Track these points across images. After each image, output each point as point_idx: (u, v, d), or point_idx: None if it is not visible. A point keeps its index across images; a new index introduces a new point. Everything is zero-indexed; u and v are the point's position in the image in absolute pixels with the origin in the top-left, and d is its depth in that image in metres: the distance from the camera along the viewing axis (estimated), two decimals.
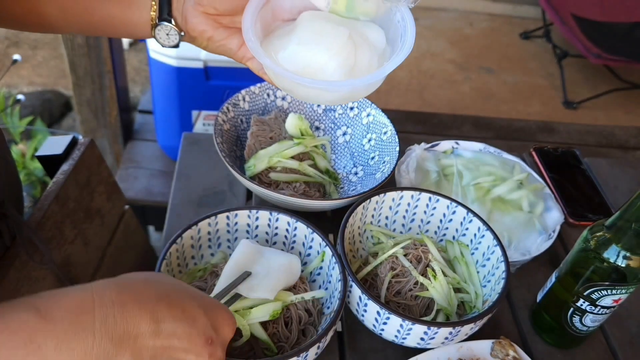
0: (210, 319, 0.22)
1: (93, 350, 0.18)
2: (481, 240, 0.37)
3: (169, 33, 0.29)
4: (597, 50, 1.28)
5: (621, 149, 0.60)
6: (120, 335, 0.19)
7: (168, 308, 0.20)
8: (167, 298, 0.21)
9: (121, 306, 0.19)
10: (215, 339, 0.22)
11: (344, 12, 0.28)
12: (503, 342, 0.33)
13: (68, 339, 0.18)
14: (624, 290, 0.32)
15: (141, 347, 0.19)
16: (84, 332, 0.18)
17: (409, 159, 0.45)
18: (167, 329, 0.20)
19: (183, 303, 0.21)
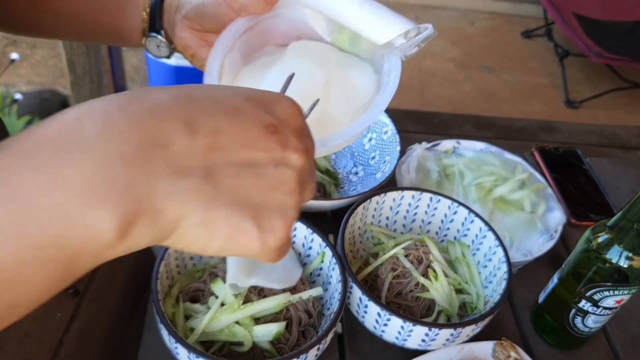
0: (261, 105, 0.15)
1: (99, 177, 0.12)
2: (483, 241, 0.37)
3: (159, 45, 0.29)
4: (599, 50, 1.27)
5: (623, 149, 0.60)
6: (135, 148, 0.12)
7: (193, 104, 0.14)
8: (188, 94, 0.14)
9: (122, 113, 0.13)
10: (279, 126, 0.15)
11: (347, 44, 0.25)
12: (505, 343, 0.33)
13: (55, 170, 0.12)
14: (626, 291, 0.32)
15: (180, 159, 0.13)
16: (73, 154, 0.12)
17: (410, 158, 0.44)
18: (204, 126, 0.13)
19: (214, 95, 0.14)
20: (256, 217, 0.14)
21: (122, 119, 0.13)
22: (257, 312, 0.31)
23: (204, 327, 0.31)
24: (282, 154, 0.15)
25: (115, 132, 0.13)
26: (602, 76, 1.46)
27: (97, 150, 0.12)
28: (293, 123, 0.16)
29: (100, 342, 0.34)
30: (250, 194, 0.14)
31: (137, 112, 0.13)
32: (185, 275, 0.35)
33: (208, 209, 0.14)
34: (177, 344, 0.28)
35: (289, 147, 0.15)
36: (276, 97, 0.16)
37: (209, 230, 0.14)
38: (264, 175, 0.15)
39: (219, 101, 0.15)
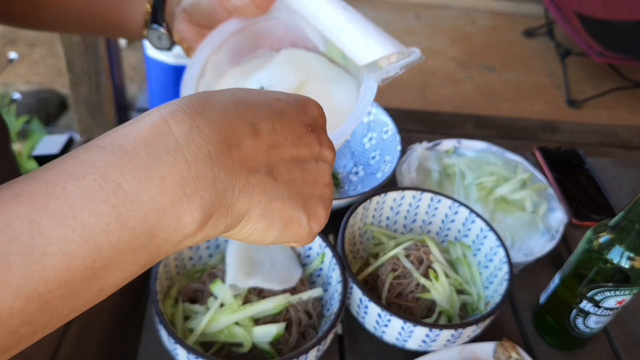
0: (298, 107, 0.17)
1: (190, 172, 0.13)
2: (484, 241, 0.37)
3: (160, 37, 0.29)
4: (600, 49, 1.27)
5: (624, 149, 0.59)
6: (217, 147, 0.14)
7: (251, 109, 0.15)
8: (244, 99, 0.16)
9: (201, 115, 0.14)
10: (314, 125, 0.17)
11: (339, 57, 0.26)
12: (506, 344, 0.33)
13: (151, 166, 0.13)
14: (628, 292, 0.32)
15: (250, 158, 0.15)
16: (168, 154, 0.13)
17: (411, 158, 0.44)
18: (264, 128, 0.15)
19: (263, 99, 0.16)
20: (305, 207, 0.17)
21: (202, 121, 0.14)
22: (257, 312, 0.31)
23: (203, 328, 0.30)
24: (319, 150, 0.18)
25: (200, 134, 0.14)
26: (604, 75, 1.46)
27: (186, 151, 0.14)
28: (321, 122, 0.19)
29: (99, 343, 0.34)
30: (299, 187, 0.17)
31: (213, 115, 0.15)
32: (185, 275, 0.35)
33: (270, 201, 0.16)
34: (176, 344, 0.28)
35: (322, 144, 0.18)
36: (306, 99, 0.18)
37: (268, 221, 0.16)
38: (308, 169, 0.17)
39: (269, 105, 0.16)
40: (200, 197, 0.14)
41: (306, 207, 0.17)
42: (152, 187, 0.13)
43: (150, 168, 0.13)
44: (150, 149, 0.14)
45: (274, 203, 0.16)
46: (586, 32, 1.32)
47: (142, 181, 0.13)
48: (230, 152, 0.15)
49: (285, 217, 0.16)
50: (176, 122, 0.14)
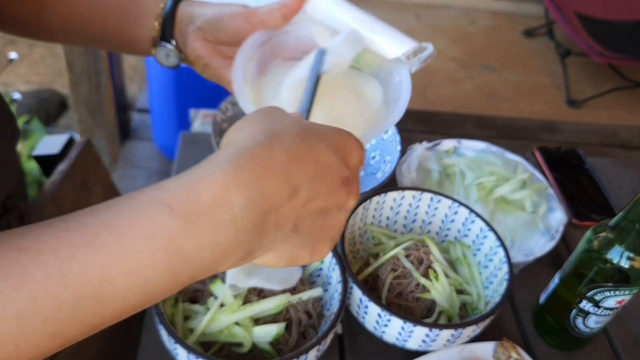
0: (342, 158, 0.19)
1: (236, 240, 0.16)
2: (484, 241, 0.37)
3: (168, 54, 0.29)
4: (600, 49, 1.27)
5: (624, 149, 0.59)
6: (261, 216, 0.17)
7: (301, 166, 0.18)
8: (296, 154, 0.18)
9: (257, 183, 0.16)
10: (350, 177, 0.19)
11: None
12: (505, 344, 0.33)
13: (209, 236, 0.16)
14: (628, 292, 0.32)
15: (283, 219, 0.17)
16: (224, 225, 0.16)
17: (411, 158, 0.44)
18: (305, 189, 0.18)
19: (315, 153, 0.18)
20: (312, 249, 0.19)
21: (257, 191, 0.17)
22: (257, 312, 0.31)
23: (204, 328, 0.30)
24: (345, 201, 0.20)
25: (252, 205, 0.17)
26: (604, 75, 1.46)
27: (239, 222, 0.16)
28: (358, 170, 0.21)
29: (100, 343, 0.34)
30: (315, 234, 0.19)
31: (269, 181, 0.17)
32: None
33: (283, 249, 0.18)
34: (177, 344, 0.28)
35: (351, 195, 0.20)
36: (353, 146, 0.20)
37: (277, 259, 0.19)
38: (329, 217, 0.19)
39: (317, 160, 0.19)
40: (235, 256, 0.17)
41: (313, 248, 0.19)
42: (206, 253, 0.16)
43: (208, 238, 0.16)
44: (212, 220, 0.16)
45: (288, 248, 0.19)
46: (586, 32, 1.32)
47: (200, 249, 0.16)
48: (269, 218, 0.17)
49: (292, 256, 0.19)
50: (238, 190, 0.16)
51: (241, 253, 0.17)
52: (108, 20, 0.29)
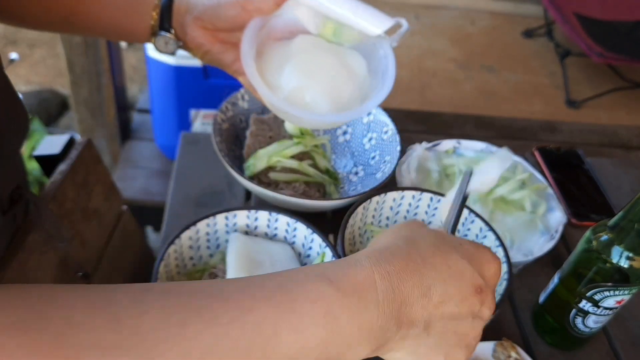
0: (476, 267, 0.21)
1: (377, 323, 0.18)
2: (483, 241, 0.37)
3: (167, 42, 0.31)
4: (600, 49, 1.27)
5: (624, 149, 0.60)
6: (397, 307, 0.19)
7: (434, 268, 0.20)
8: (431, 258, 0.20)
9: (396, 275, 0.19)
10: (484, 287, 0.20)
11: (331, 37, 0.30)
12: (505, 343, 0.33)
13: (359, 312, 0.18)
14: (627, 291, 0.32)
15: (415, 315, 0.19)
16: (371, 304, 0.18)
17: (410, 158, 0.44)
18: (437, 292, 0.19)
19: (448, 259, 0.20)
20: (447, 354, 0.20)
21: (396, 282, 0.19)
22: None
23: None
24: (479, 310, 0.20)
25: (392, 293, 0.19)
26: (603, 76, 1.46)
27: (381, 306, 0.19)
28: (494, 282, 0.22)
29: None
30: (447, 340, 0.20)
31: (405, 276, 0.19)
32: (185, 275, 0.35)
33: (418, 347, 0.20)
34: None
35: (485, 304, 0.21)
36: (488, 257, 0.22)
37: (411, 355, 0.20)
38: (463, 325, 0.20)
39: (451, 266, 0.20)
40: (375, 341, 0.19)
41: (448, 354, 0.20)
42: (354, 327, 0.18)
43: (358, 313, 0.18)
44: (361, 298, 0.18)
45: (421, 348, 0.20)
46: (585, 32, 1.32)
47: (351, 321, 0.18)
48: (403, 310, 0.19)
49: (426, 357, 0.20)
50: (382, 279, 0.19)
51: (379, 338, 0.19)
52: (107, 11, 0.30)
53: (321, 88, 0.28)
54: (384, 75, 0.29)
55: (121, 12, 0.30)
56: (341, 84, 0.29)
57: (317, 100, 0.28)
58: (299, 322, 0.17)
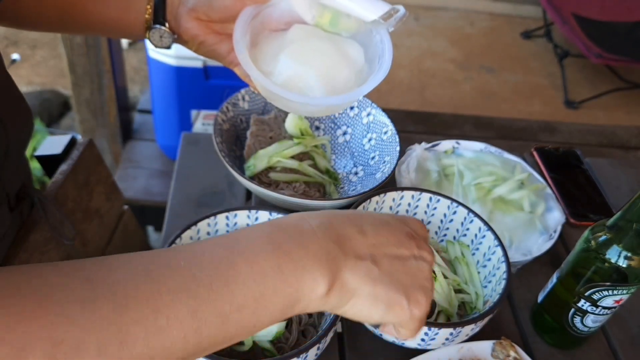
0: (399, 220, 0.23)
1: (322, 246, 0.19)
2: (482, 241, 0.37)
3: (162, 36, 0.31)
4: (598, 50, 1.27)
5: (622, 149, 0.60)
6: (336, 237, 0.20)
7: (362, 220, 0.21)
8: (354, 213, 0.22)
9: (328, 220, 0.21)
10: (414, 234, 0.22)
11: (328, 26, 0.30)
12: (504, 342, 0.33)
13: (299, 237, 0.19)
14: (625, 291, 0.32)
15: (358, 248, 0.20)
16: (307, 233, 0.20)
17: (410, 158, 0.44)
18: (370, 232, 0.21)
19: (373, 215, 0.22)
20: (406, 293, 0.21)
21: (327, 221, 0.21)
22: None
23: None
24: (419, 252, 0.22)
25: (327, 229, 0.20)
26: (602, 76, 1.47)
27: (319, 234, 0.20)
28: (422, 234, 0.23)
29: None
30: (400, 277, 0.21)
31: (334, 219, 0.21)
32: None
33: (374, 285, 0.20)
34: None
35: (422, 248, 0.22)
36: (409, 217, 0.24)
37: (373, 301, 0.20)
38: (408, 265, 0.22)
39: (375, 217, 0.22)
40: (327, 267, 0.19)
41: (407, 293, 0.21)
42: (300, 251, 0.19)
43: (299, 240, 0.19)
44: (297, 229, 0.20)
45: (378, 287, 0.20)
46: (584, 33, 1.32)
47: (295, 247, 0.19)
48: (344, 242, 0.20)
49: (387, 299, 0.21)
50: (311, 218, 0.21)
51: (331, 266, 0.19)
52: (103, 8, 0.31)
53: (316, 75, 0.28)
54: (381, 59, 0.29)
55: (117, 8, 0.31)
56: (337, 71, 0.29)
57: (312, 87, 0.28)
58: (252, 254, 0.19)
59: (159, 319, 0.16)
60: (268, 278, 0.18)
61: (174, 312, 0.16)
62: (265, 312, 0.19)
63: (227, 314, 0.18)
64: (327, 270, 0.19)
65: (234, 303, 0.18)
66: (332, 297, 0.20)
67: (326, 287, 0.19)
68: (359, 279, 0.20)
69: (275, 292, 0.18)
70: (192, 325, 0.17)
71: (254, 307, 0.18)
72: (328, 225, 0.20)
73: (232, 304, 0.18)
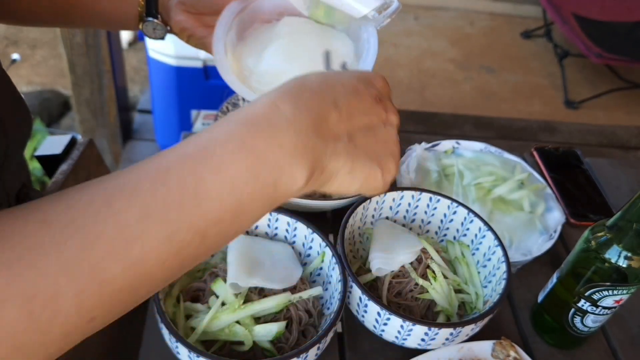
0: (364, 81, 0.22)
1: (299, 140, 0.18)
2: (482, 241, 0.37)
3: (155, 28, 0.32)
4: (598, 50, 1.27)
5: (622, 149, 0.60)
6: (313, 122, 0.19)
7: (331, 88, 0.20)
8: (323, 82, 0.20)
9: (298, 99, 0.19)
10: (381, 96, 0.22)
11: (323, 17, 0.30)
12: (504, 342, 0.33)
13: (273, 134, 0.18)
14: (625, 291, 0.32)
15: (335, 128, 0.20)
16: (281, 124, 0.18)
17: (410, 158, 0.44)
18: (343, 105, 0.20)
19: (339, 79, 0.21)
20: (379, 164, 0.21)
21: (300, 103, 0.19)
22: (258, 311, 0.31)
23: (205, 327, 0.31)
24: (386, 116, 0.22)
25: (301, 113, 0.19)
26: (602, 76, 1.46)
27: (294, 124, 0.18)
28: (387, 91, 0.23)
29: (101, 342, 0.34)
30: (373, 148, 0.21)
31: (306, 97, 0.19)
32: (186, 274, 0.35)
33: (353, 162, 0.20)
34: (178, 343, 0.28)
35: (389, 111, 0.22)
36: (373, 75, 0.23)
37: (352, 177, 0.20)
38: (379, 133, 0.21)
39: (344, 84, 0.21)
40: (305, 159, 0.18)
41: (380, 163, 0.21)
42: (275, 150, 0.18)
43: (272, 135, 0.18)
44: (270, 122, 0.18)
45: (356, 163, 0.20)
46: (584, 33, 1.32)
47: (268, 145, 0.18)
48: (321, 125, 0.19)
49: (364, 173, 0.21)
50: (283, 103, 0.19)
51: (310, 157, 0.18)
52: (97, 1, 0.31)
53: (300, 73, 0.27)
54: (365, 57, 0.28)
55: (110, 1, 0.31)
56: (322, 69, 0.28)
57: None
58: (219, 163, 0.17)
59: (132, 250, 0.15)
60: (242, 187, 0.17)
61: (147, 242, 0.15)
62: (244, 218, 0.18)
63: (205, 230, 0.16)
64: (305, 163, 0.18)
65: (210, 219, 0.17)
66: (310, 184, 0.19)
67: (305, 179, 0.18)
68: (337, 161, 0.19)
69: (252, 198, 0.17)
70: (170, 251, 0.16)
71: (232, 218, 0.17)
72: (303, 108, 0.19)
73: (208, 220, 0.16)
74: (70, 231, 0.15)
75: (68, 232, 0.15)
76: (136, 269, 0.16)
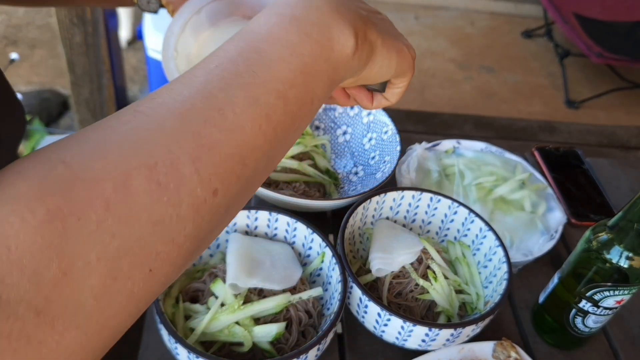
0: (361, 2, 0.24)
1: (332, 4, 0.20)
2: (483, 241, 0.37)
3: (149, 1, 0.32)
4: (599, 50, 1.27)
5: (623, 149, 0.60)
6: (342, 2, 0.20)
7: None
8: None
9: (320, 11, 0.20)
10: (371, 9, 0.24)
11: None
12: (505, 343, 0.33)
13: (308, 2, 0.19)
14: (627, 291, 0.32)
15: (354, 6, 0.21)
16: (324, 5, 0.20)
17: (410, 158, 0.44)
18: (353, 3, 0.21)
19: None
20: (400, 38, 0.23)
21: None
22: (257, 312, 0.31)
23: (204, 328, 0.31)
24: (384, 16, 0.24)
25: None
26: (602, 76, 1.46)
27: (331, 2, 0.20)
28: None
29: None
30: (391, 31, 0.23)
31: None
32: (185, 275, 0.35)
33: (382, 36, 0.22)
34: (177, 344, 0.28)
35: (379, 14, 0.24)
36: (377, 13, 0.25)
37: (388, 51, 0.22)
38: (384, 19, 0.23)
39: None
40: (347, 20, 0.20)
41: (400, 38, 0.23)
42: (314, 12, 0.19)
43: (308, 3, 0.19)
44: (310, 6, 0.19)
45: (385, 36, 0.22)
46: (585, 32, 1.32)
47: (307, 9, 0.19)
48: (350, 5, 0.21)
49: (395, 47, 0.22)
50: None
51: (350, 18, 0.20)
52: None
53: None
54: None
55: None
56: None
57: None
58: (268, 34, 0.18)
59: (225, 115, 0.16)
60: (300, 47, 0.18)
61: (236, 107, 0.16)
62: (315, 82, 0.19)
63: (284, 92, 0.17)
64: (348, 22, 0.20)
65: (285, 80, 0.18)
66: (357, 55, 0.20)
67: (354, 37, 0.20)
68: (371, 32, 0.21)
69: (314, 57, 0.18)
70: (261, 112, 0.17)
71: (303, 79, 0.18)
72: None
73: (284, 81, 0.18)
74: (162, 110, 0.16)
75: (161, 112, 0.16)
76: (236, 136, 0.16)
